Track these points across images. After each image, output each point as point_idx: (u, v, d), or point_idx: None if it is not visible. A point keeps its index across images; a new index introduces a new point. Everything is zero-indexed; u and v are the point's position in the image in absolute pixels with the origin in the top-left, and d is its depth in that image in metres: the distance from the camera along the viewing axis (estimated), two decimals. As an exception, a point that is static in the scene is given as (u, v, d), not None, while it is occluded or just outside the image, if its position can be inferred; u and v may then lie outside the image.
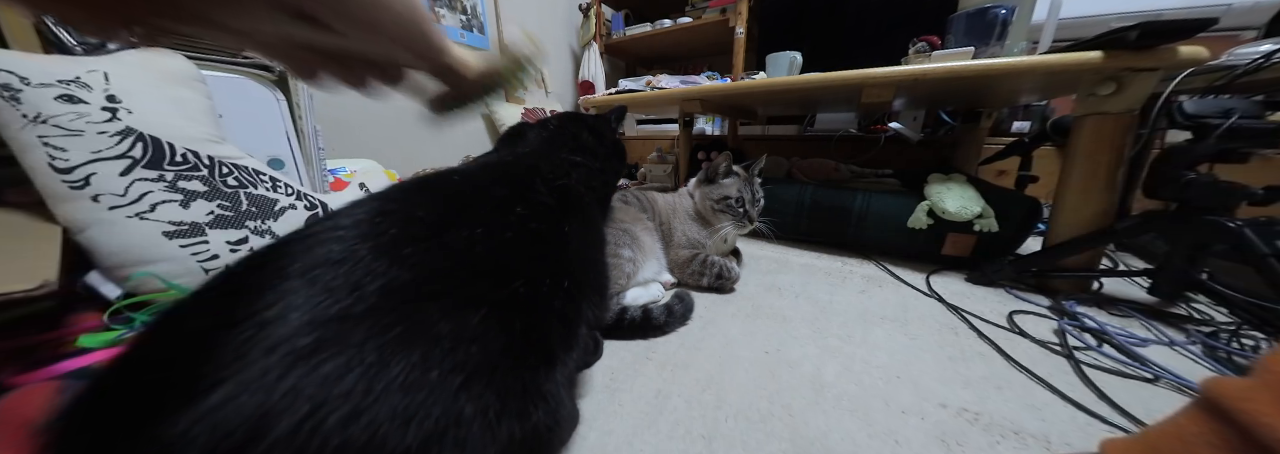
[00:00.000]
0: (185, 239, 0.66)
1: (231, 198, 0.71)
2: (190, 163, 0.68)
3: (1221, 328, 0.66)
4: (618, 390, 0.53)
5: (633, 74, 2.60)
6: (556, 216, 0.43)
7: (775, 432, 0.46)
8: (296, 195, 0.81)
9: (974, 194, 0.91)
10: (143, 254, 0.63)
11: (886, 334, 0.67)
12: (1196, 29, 0.62)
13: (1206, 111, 0.66)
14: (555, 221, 0.43)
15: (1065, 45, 0.78)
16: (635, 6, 2.30)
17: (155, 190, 0.65)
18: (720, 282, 0.84)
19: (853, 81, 0.93)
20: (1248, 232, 0.62)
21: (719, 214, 0.90)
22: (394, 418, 0.23)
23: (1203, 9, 1.15)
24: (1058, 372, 0.57)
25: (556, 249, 0.41)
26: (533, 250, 0.38)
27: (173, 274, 0.65)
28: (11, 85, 0.58)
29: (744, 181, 0.91)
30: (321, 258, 0.28)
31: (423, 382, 0.25)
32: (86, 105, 0.62)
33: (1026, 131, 1.36)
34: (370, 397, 0.23)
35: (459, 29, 1.80)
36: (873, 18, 1.69)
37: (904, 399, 0.51)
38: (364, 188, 0.96)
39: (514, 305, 0.33)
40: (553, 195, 0.45)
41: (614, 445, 0.44)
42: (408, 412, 0.24)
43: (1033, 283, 0.85)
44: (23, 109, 0.58)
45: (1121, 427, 0.47)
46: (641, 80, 1.75)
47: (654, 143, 2.26)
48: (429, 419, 0.24)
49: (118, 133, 0.63)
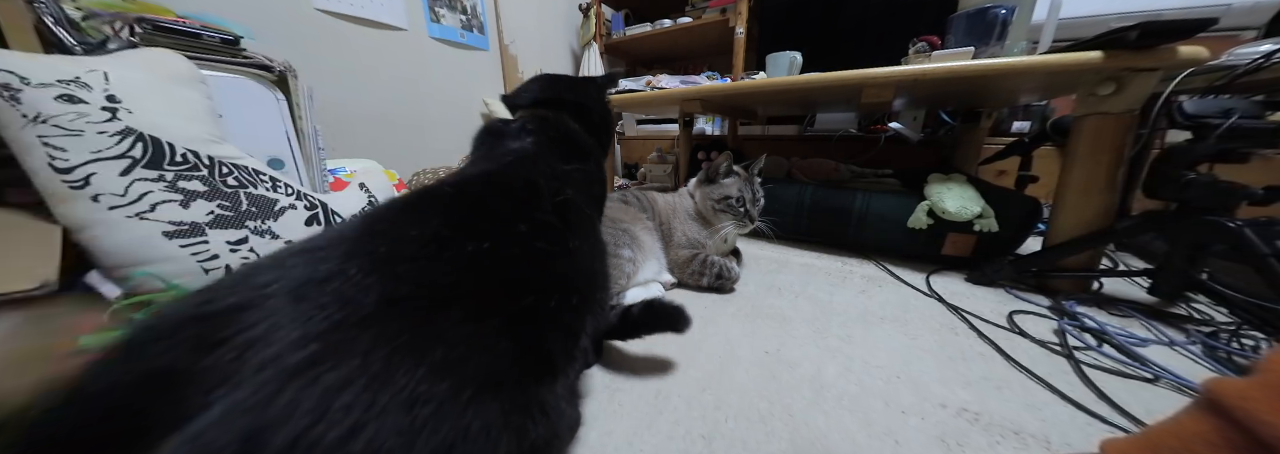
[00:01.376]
0: (185, 239, 0.66)
1: (231, 198, 0.71)
2: (190, 163, 0.68)
3: (1221, 328, 0.66)
4: (618, 390, 0.53)
5: (633, 74, 2.60)
6: (562, 234, 0.42)
7: (775, 432, 0.46)
8: (296, 195, 0.81)
9: (974, 194, 0.91)
10: (143, 254, 0.63)
11: (886, 334, 0.67)
12: (1196, 29, 0.62)
13: (1206, 111, 0.66)
14: (561, 239, 0.42)
15: (1065, 45, 0.78)
16: (635, 6, 2.30)
17: (155, 190, 0.65)
18: (720, 281, 0.84)
19: (853, 81, 0.93)
20: (1248, 231, 0.62)
21: (720, 214, 0.90)
22: (400, 433, 0.22)
23: (1203, 9, 1.15)
24: (1058, 372, 0.57)
25: (564, 266, 0.40)
26: (541, 267, 0.38)
27: (173, 274, 0.65)
28: (11, 85, 0.58)
29: (744, 181, 0.91)
30: (304, 277, 0.26)
31: (431, 394, 0.23)
32: (86, 105, 0.62)
33: (1026, 131, 1.36)
34: (373, 410, 0.22)
35: (459, 29, 1.80)
36: (873, 18, 1.69)
37: (904, 399, 0.51)
38: (364, 188, 0.96)
39: (525, 319, 0.32)
40: (556, 213, 0.44)
41: (614, 445, 0.44)
42: (415, 427, 0.22)
43: (1033, 283, 0.85)
44: (23, 109, 0.58)
45: (1121, 427, 0.47)
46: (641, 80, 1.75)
47: (654, 143, 2.26)
48: (437, 435, 0.23)
49: (118, 133, 0.63)
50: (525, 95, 0.65)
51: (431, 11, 1.69)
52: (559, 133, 0.59)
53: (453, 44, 1.80)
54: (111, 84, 0.66)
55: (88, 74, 0.65)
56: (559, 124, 0.60)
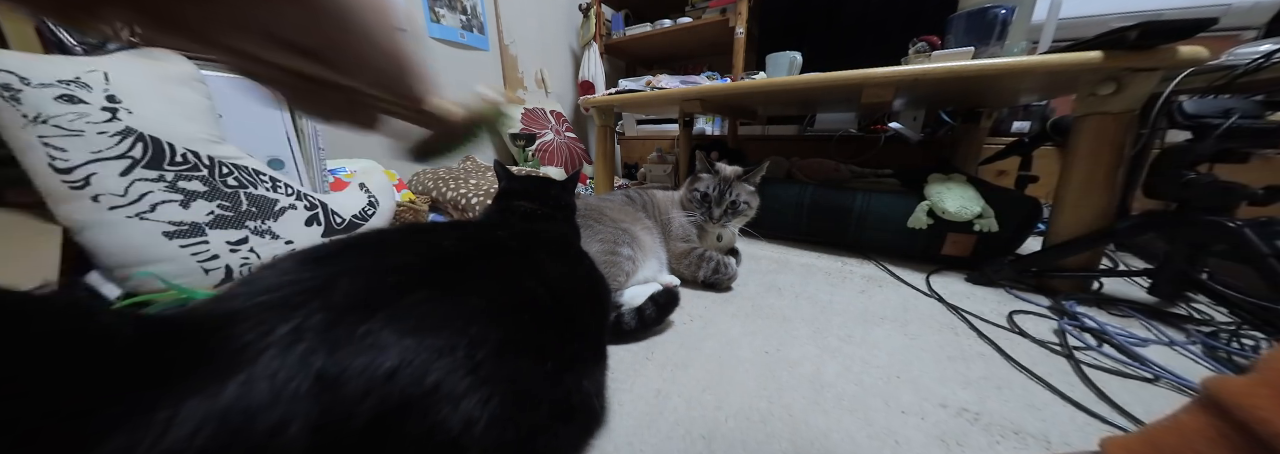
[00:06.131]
0: (185, 239, 0.66)
1: (231, 198, 0.72)
2: (190, 163, 0.69)
3: (1221, 328, 0.66)
4: (618, 390, 0.53)
5: (633, 74, 2.60)
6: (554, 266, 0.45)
7: (775, 432, 0.46)
8: (296, 195, 0.81)
9: (974, 194, 0.91)
10: (143, 254, 0.63)
11: (886, 334, 0.67)
12: (1196, 29, 0.62)
13: (1206, 111, 0.66)
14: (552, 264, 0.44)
15: (1065, 45, 0.78)
16: (635, 6, 2.30)
17: (155, 190, 0.65)
18: (717, 276, 0.84)
19: (853, 81, 0.93)
20: (1248, 231, 0.61)
21: (690, 205, 0.93)
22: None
23: (1203, 9, 1.15)
24: (1058, 372, 0.57)
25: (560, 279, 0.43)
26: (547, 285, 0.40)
27: (173, 274, 0.65)
28: (11, 85, 0.58)
29: (721, 181, 0.91)
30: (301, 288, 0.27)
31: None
32: (86, 105, 0.62)
33: (1026, 131, 1.36)
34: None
35: (459, 29, 1.80)
36: (873, 17, 1.69)
37: (904, 399, 0.51)
38: (364, 188, 0.96)
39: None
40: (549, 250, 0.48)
41: (614, 445, 0.44)
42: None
43: (1033, 283, 0.85)
44: (23, 109, 0.58)
45: (1121, 426, 0.47)
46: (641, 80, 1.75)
47: (654, 143, 2.26)
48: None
49: (118, 133, 0.63)
50: None
51: (431, 11, 1.69)
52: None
53: (453, 44, 1.80)
54: (112, 84, 0.66)
55: (88, 74, 0.65)
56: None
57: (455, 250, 0.36)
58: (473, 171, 1.45)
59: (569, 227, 0.68)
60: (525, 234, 0.48)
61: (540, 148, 1.95)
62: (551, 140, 2.02)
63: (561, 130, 2.11)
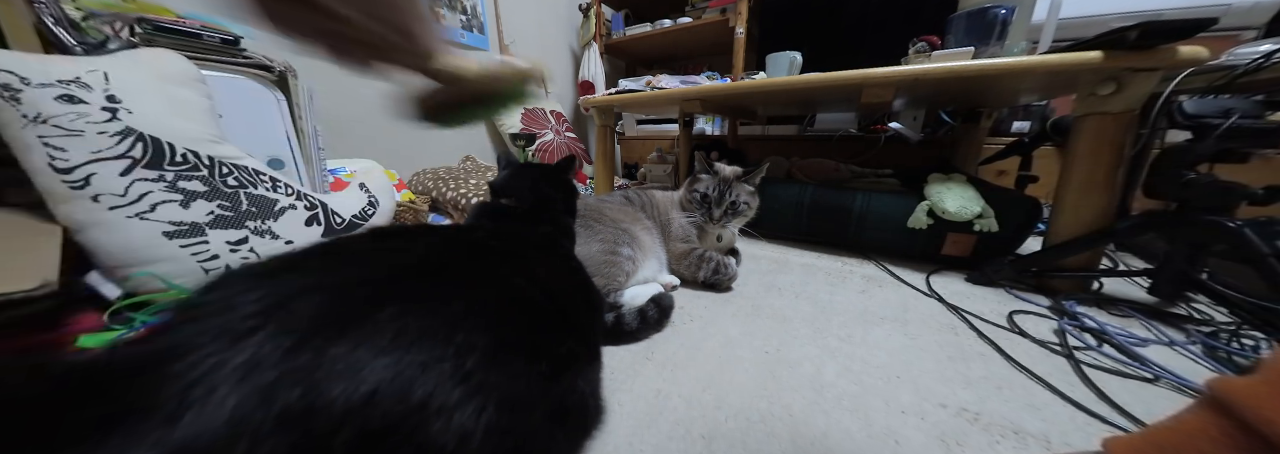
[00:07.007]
0: (185, 239, 0.66)
1: (231, 198, 0.71)
2: (190, 163, 0.68)
3: (1221, 328, 0.66)
4: (618, 390, 0.53)
5: (633, 74, 2.60)
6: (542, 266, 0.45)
7: (775, 432, 0.46)
8: (296, 195, 0.81)
9: (974, 194, 0.91)
10: (143, 254, 0.63)
11: (886, 334, 0.67)
12: (1196, 29, 0.62)
13: (1206, 111, 0.65)
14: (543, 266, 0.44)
15: (1065, 45, 0.78)
16: (635, 6, 2.30)
17: (155, 190, 0.65)
18: (717, 276, 0.84)
19: (853, 81, 0.93)
20: (1248, 231, 0.61)
21: (690, 206, 0.93)
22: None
23: (1203, 9, 1.15)
24: (1058, 372, 0.57)
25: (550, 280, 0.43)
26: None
27: (173, 274, 0.65)
28: (11, 85, 0.58)
29: (721, 182, 0.91)
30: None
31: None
32: (86, 105, 0.62)
33: (1026, 131, 1.36)
34: None
35: (459, 29, 1.80)
36: (873, 18, 1.69)
37: (904, 399, 0.51)
38: (364, 188, 0.96)
39: None
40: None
41: (614, 445, 0.44)
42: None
43: (1033, 283, 0.85)
44: (23, 109, 0.58)
45: (1121, 426, 0.47)
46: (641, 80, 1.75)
47: (654, 143, 2.26)
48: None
49: (118, 133, 0.63)
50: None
51: (431, 11, 1.69)
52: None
53: (452, 44, 1.80)
54: (112, 84, 0.66)
55: (88, 74, 0.65)
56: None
57: (430, 255, 0.34)
58: (473, 171, 1.45)
59: (554, 224, 0.65)
60: (508, 233, 0.47)
61: (540, 147, 1.96)
62: (551, 140, 2.02)
63: (561, 130, 2.11)
